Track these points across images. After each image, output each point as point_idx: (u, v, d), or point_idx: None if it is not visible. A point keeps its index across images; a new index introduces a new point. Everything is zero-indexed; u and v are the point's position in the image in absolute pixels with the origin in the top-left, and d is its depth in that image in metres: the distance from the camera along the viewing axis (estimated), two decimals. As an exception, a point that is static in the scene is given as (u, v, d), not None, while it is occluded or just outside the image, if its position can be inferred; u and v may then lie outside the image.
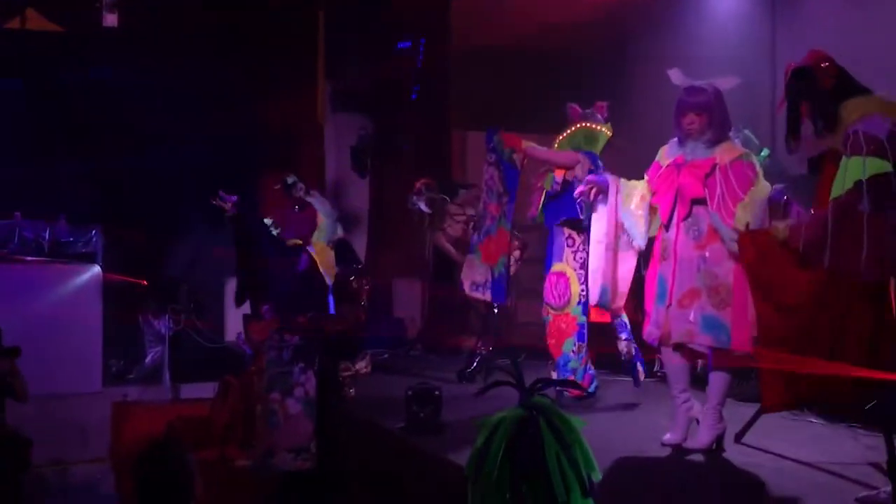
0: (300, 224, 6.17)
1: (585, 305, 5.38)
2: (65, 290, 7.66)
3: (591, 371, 5.45)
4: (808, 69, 3.59)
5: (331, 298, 5.93)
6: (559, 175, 5.50)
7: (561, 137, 5.66)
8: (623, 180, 4.56)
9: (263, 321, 5.36)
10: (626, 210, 4.47)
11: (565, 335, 5.46)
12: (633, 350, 5.41)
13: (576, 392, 5.24)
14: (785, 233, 3.59)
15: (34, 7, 7.37)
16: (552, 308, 5.52)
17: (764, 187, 4.17)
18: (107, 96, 7.56)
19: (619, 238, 4.51)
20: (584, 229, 5.19)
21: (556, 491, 2.02)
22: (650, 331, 4.40)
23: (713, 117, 4.24)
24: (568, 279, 5.47)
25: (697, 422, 4.37)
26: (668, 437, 4.39)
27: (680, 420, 4.40)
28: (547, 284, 5.55)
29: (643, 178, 4.53)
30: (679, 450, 4.34)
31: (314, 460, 5.07)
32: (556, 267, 5.53)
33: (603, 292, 4.51)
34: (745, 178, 4.15)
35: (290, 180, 6.70)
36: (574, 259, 5.40)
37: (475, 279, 5.93)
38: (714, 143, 4.24)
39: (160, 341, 7.92)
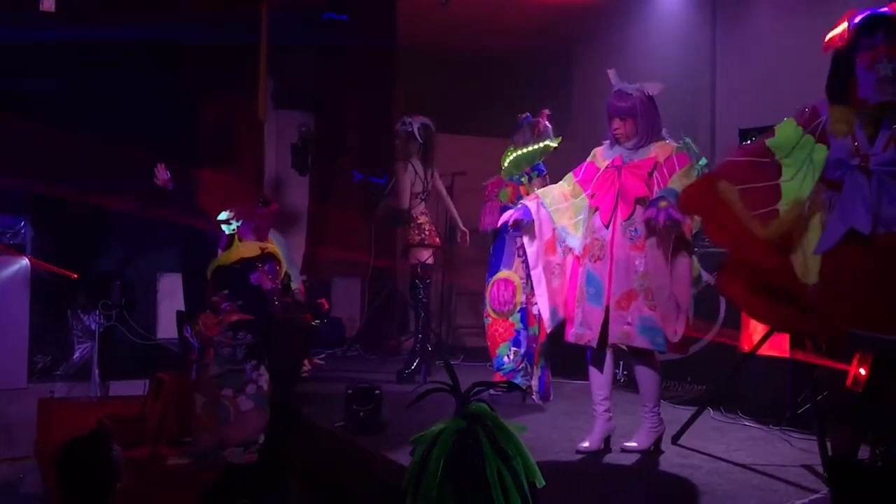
0: (262, 220, 5.97)
1: (524, 313, 5.45)
2: (-10, 281, 7.40)
3: (522, 368, 5.47)
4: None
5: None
6: (523, 192, 5.56)
7: (523, 150, 5.68)
8: (544, 196, 4.52)
9: (218, 316, 5.20)
10: (559, 225, 4.46)
11: (501, 339, 5.56)
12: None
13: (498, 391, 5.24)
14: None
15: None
16: (494, 313, 5.57)
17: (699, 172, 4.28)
18: (40, 84, 7.33)
19: (555, 255, 4.46)
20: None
21: None
22: (578, 332, 4.32)
23: (639, 122, 4.27)
24: (514, 287, 5.52)
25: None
26: (584, 444, 4.36)
27: (598, 428, 4.39)
28: (493, 290, 5.58)
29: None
30: (620, 451, 4.36)
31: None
32: (504, 274, 5.56)
33: (553, 313, 4.45)
34: (681, 163, 4.22)
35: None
36: (523, 268, 5.41)
37: None
38: (645, 145, 4.28)
39: (89, 337, 7.70)
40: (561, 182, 4.61)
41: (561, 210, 4.45)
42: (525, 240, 4.56)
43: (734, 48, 7.82)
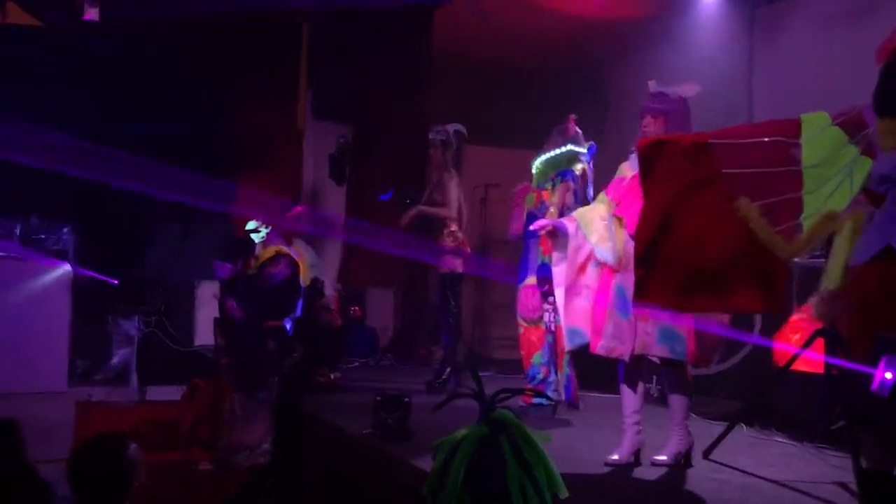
0: (289, 224, 6.06)
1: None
2: (33, 287, 7.54)
3: (552, 380, 5.44)
4: None
5: (300, 303, 5.85)
6: (545, 197, 5.53)
7: (544, 157, 5.67)
8: (580, 217, 4.49)
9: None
10: (595, 246, 4.43)
11: (535, 348, 5.52)
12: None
13: (528, 399, 5.23)
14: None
15: (14, 1, 7.30)
16: (524, 321, 5.55)
17: None
18: (83, 93, 7.49)
19: (585, 275, 4.43)
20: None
21: None
22: (608, 345, 4.27)
23: (669, 123, 4.25)
24: (541, 293, 5.48)
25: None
26: (613, 457, 4.33)
27: (627, 441, 4.36)
28: (520, 297, 5.57)
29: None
30: (650, 465, 4.33)
31: (267, 456, 5.06)
32: (531, 280, 5.55)
33: (572, 334, 4.41)
34: None
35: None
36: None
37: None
38: None
39: (128, 342, 7.82)
40: (595, 202, 4.60)
41: (597, 230, 4.43)
42: (554, 255, 4.55)
43: (771, 61, 7.76)
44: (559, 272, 4.49)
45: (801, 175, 3.42)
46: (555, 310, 5.29)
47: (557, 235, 4.50)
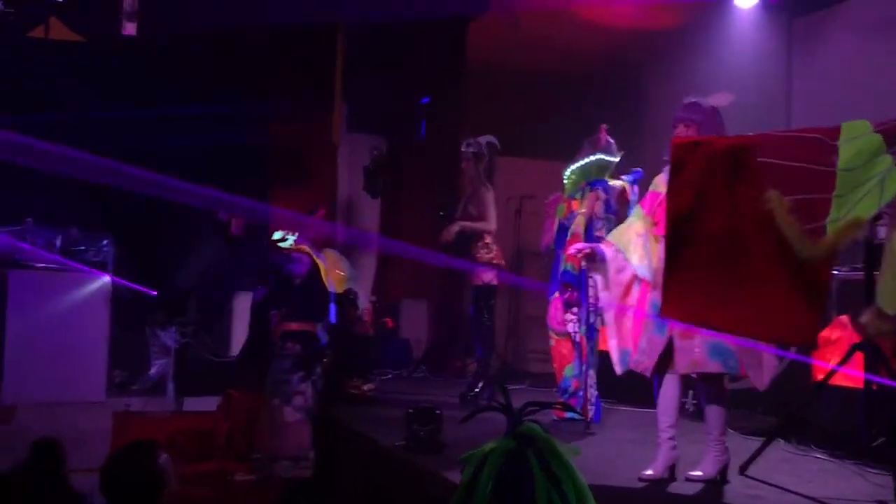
0: (313, 229, 6.10)
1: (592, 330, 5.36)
2: (73, 298, 7.67)
3: (593, 397, 5.40)
4: None
5: (332, 307, 5.87)
6: (575, 207, 5.51)
7: (573, 166, 5.66)
8: (617, 240, 4.46)
9: (273, 328, 5.35)
10: (635, 266, 4.40)
11: (566, 360, 5.48)
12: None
13: (561, 413, 5.19)
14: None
15: (57, 16, 7.44)
16: (555, 333, 5.53)
17: None
18: (122, 106, 7.62)
19: (630, 296, 4.38)
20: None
21: None
22: (637, 359, 4.26)
23: (703, 132, 4.19)
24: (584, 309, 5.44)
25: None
26: (648, 472, 4.28)
27: (662, 456, 4.31)
28: (550, 309, 5.54)
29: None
30: (685, 480, 4.27)
31: (312, 469, 5.06)
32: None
33: (623, 356, 4.38)
34: None
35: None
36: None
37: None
38: None
39: (166, 353, 7.91)
40: (630, 218, 4.57)
41: (635, 249, 4.40)
42: (598, 280, 4.52)
43: (809, 73, 7.67)
44: (605, 297, 4.46)
45: (833, 176, 3.31)
46: (579, 320, 5.27)
47: (595, 259, 4.47)
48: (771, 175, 3.39)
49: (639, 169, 5.52)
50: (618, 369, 4.47)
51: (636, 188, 5.44)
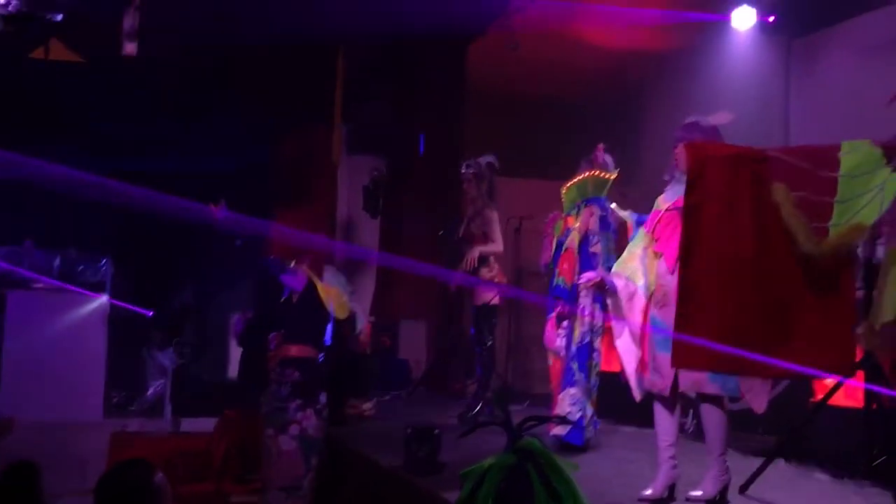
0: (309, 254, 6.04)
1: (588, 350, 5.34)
2: (71, 318, 7.67)
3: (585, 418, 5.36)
4: None
5: (330, 328, 5.81)
6: (570, 223, 5.49)
7: (570, 183, 5.66)
8: (623, 269, 4.42)
9: (272, 352, 5.25)
10: (640, 286, 4.37)
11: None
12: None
13: (557, 429, 5.15)
14: None
15: (57, 37, 7.47)
16: (551, 352, 5.50)
17: None
18: (119, 126, 7.64)
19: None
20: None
21: None
22: (650, 378, 4.22)
23: None
24: (571, 324, 5.42)
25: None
26: (647, 492, 4.23)
27: (662, 475, 4.27)
28: (547, 329, 5.52)
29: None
30: (684, 501, 4.24)
31: (307, 500, 4.95)
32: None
33: (640, 381, 4.32)
34: None
35: None
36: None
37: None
38: None
39: (163, 374, 7.89)
40: (633, 240, 4.55)
41: (638, 270, 4.38)
42: (611, 305, 4.50)
43: (808, 94, 7.70)
44: (618, 326, 4.43)
45: (836, 182, 3.38)
46: (567, 336, 5.26)
47: (605, 288, 4.46)
48: (780, 171, 3.46)
49: (645, 216, 5.55)
50: (637, 395, 4.39)
51: (637, 226, 5.44)
